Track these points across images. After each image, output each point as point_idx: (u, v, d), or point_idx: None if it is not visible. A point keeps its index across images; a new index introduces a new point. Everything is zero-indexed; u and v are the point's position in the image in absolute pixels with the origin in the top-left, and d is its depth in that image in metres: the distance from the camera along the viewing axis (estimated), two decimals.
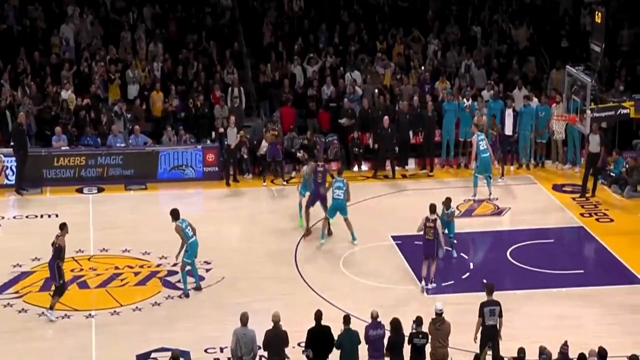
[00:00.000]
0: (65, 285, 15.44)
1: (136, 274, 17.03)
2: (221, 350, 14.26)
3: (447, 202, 17.03)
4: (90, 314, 15.56)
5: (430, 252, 15.87)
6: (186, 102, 22.93)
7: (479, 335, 13.41)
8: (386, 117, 21.69)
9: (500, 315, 13.47)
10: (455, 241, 17.50)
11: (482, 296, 15.62)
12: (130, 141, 21.84)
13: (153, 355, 14.22)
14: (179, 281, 16.54)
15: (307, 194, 18.42)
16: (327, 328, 12.98)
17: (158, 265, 17.28)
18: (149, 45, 24.50)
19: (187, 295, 16.03)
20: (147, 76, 23.66)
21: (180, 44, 24.85)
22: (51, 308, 15.28)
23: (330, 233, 18.16)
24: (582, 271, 17.00)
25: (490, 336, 13.39)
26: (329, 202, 18.01)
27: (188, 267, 16.11)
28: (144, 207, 20.13)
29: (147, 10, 25.83)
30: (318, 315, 13.01)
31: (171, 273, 16.97)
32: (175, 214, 15.90)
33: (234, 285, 16.59)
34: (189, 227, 15.91)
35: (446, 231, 16.81)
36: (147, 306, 15.86)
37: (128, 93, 23.43)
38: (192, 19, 25.90)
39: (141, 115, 22.84)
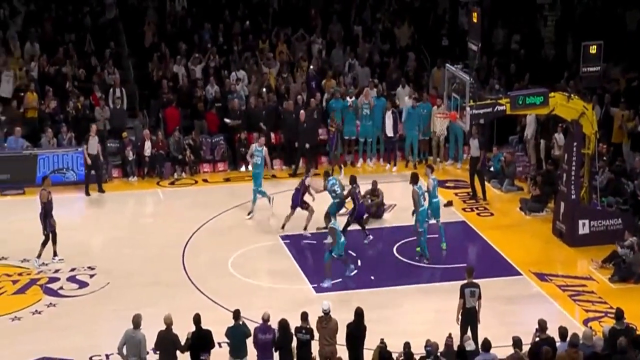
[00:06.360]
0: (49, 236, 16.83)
1: (14, 282, 16.45)
2: (107, 357, 13.93)
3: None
4: None
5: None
6: (65, 103, 22.27)
7: (460, 316, 13.84)
8: (302, 111, 21.73)
9: (480, 297, 13.85)
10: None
11: (370, 292, 15.73)
12: (5, 144, 21.00)
13: None
14: (61, 288, 16.17)
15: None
16: (208, 332, 12.86)
17: (38, 272, 16.77)
18: (25, 45, 23.63)
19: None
20: (25, 77, 22.81)
21: (57, 43, 24.08)
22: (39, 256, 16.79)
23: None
24: (464, 265, 17.41)
25: (471, 318, 13.78)
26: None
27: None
28: (22, 213, 19.32)
29: (19, 7, 24.84)
30: (197, 318, 12.89)
31: (53, 280, 16.50)
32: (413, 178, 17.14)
33: (120, 291, 16.24)
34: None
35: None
36: (27, 315, 15.33)
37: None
38: (69, 17, 25.16)
39: (18, 117, 22.00)
